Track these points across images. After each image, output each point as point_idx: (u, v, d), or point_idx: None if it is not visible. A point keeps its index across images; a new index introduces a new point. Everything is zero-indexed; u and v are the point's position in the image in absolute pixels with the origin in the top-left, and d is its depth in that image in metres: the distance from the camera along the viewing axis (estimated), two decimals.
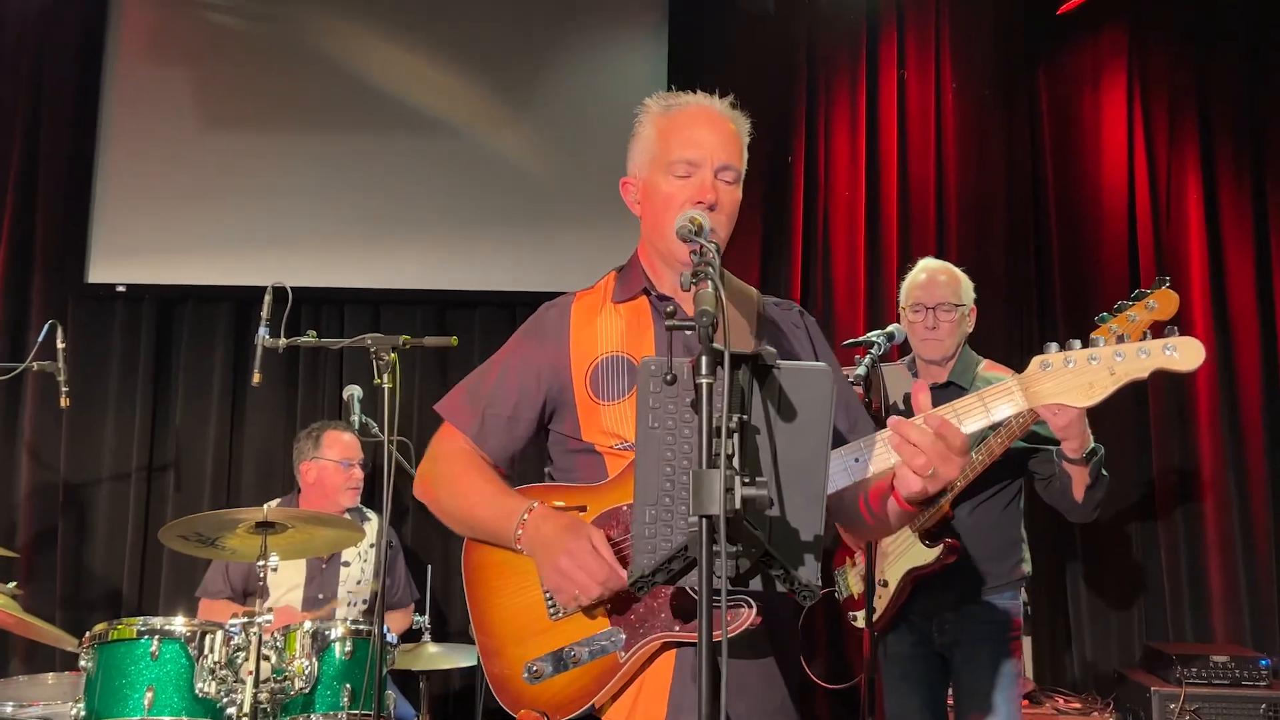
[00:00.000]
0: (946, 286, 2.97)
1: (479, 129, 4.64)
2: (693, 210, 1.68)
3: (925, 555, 2.84)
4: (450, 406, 1.89)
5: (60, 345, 3.52)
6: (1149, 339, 1.51)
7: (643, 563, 1.41)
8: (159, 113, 4.62)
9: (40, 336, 3.59)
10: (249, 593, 3.53)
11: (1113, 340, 1.51)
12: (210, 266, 4.53)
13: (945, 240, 4.49)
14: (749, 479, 1.28)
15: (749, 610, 1.55)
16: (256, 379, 3.13)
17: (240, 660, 2.78)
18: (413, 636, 3.60)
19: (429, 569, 3.82)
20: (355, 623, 2.99)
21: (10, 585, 3.06)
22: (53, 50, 4.67)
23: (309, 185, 4.61)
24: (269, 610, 2.85)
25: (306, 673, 2.85)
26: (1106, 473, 2.73)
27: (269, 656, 2.85)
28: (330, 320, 4.59)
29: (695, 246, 1.53)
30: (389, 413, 2.75)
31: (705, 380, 1.26)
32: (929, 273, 3.01)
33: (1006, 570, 2.91)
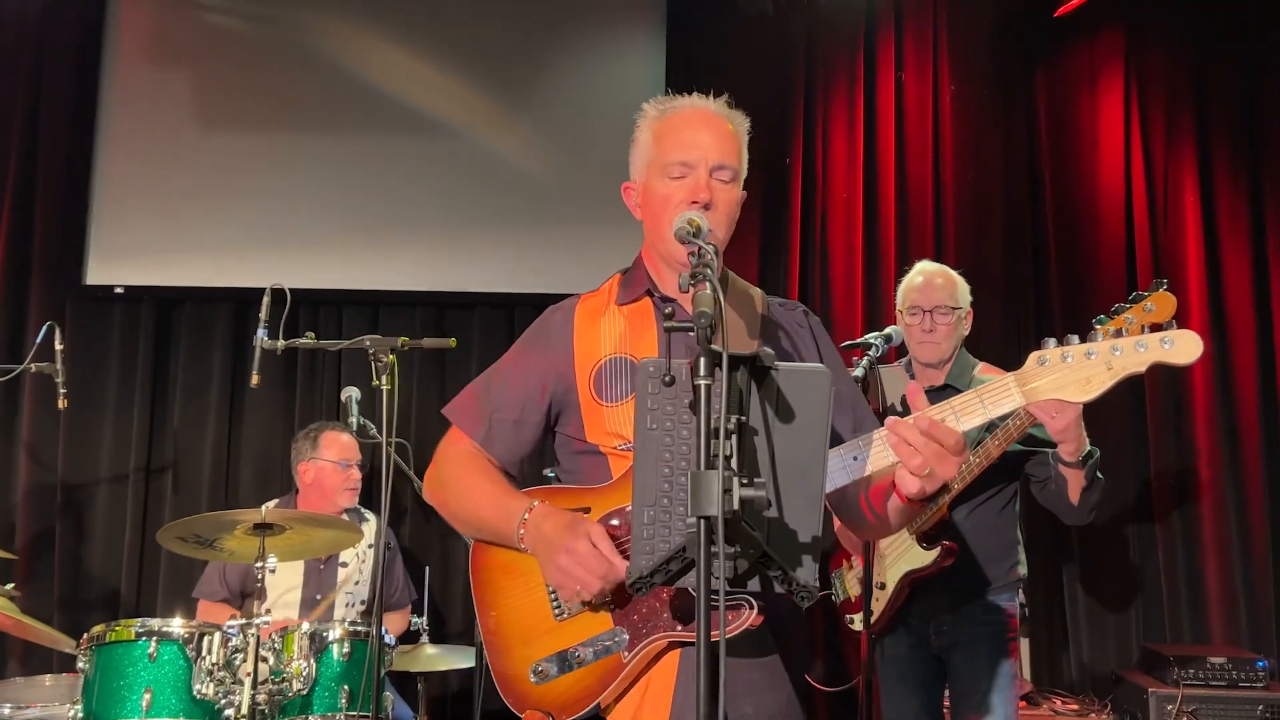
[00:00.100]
0: (943, 289, 2.98)
1: (478, 130, 4.64)
2: (690, 211, 1.67)
3: (923, 558, 2.85)
4: (458, 411, 1.90)
5: (58, 346, 3.52)
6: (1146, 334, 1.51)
7: (641, 564, 1.41)
8: (158, 113, 4.61)
9: (38, 338, 3.59)
10: (246, 594, 3.53)
11: (1110, 339, 1.51)
12: (209, 268, 4.53)
13: (943, 241, 4.49)
14: (747, 480, 1.28)
15: (749, 610, 1.55)
16: (255, 380, 3.13)
17: (238, 662, 2.78)
18: (411, 638, 3.60)
19: (427, 570, 3.83)
20: (353, 624, 2.99)
21: (8, 586, 3.07)
22: (52, 50, 4.66)
23: (307, 186, 4.60)
24: (267, 612, 2.85)
25: (304, 674, 2.85)
26: (1102, 475, 2.73)
27: (267, 658, 2.85)
28: (328, 322, 4.58)
29: (693, 248, 1.53)
30: (387, 414, 2.76)
31: (703, 382, 1.26)
32: (926, 276, 3.02)
33: (1003, 572, 2.91)
